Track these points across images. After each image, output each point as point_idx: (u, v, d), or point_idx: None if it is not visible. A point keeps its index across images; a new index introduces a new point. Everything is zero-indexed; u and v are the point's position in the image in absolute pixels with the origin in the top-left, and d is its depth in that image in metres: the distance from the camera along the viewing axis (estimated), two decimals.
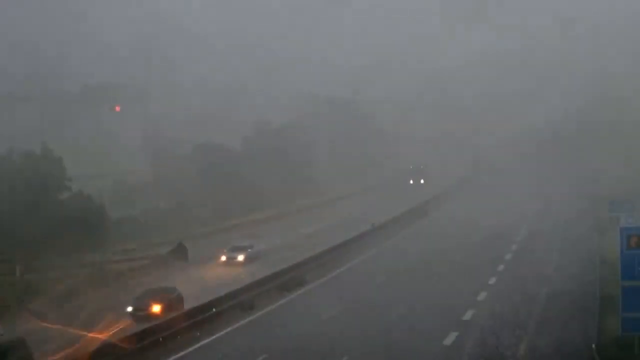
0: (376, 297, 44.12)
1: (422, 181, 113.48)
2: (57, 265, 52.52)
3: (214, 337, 37.11)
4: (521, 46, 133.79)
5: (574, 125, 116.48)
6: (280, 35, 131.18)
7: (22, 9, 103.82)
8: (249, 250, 58.06)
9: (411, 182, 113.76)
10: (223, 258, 57.28)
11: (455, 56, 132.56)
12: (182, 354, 34.74)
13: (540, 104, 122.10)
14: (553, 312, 38.62)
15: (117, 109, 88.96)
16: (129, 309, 40.94)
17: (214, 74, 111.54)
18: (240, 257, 57.10)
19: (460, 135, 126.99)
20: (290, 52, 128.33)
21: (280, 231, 72.20)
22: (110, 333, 36.39)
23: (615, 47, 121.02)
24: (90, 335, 35.74)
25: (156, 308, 40.80)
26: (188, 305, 41.34)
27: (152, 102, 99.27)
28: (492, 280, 47.34)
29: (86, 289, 48.03)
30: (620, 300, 29.86)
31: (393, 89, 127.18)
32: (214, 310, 39.65)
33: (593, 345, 30.59)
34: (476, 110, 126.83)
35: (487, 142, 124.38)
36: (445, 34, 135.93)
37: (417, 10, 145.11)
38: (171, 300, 41.74)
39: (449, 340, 34.34)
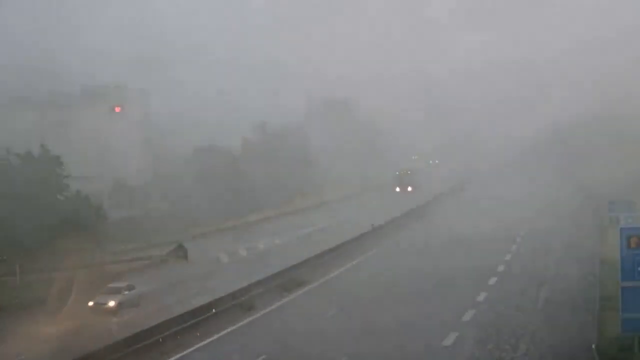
0: (376, 298, 44.11)
1: (409, 188, 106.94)
2: (56, 267, 52.46)
3: (214, 337, 37.06)
4: (523, 50, 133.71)
5: (575, 128, 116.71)
6: (280, 36, 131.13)
7: (22, 9, 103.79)
8: (126, 293, 45.74)
9: (397, 189, 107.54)
10: (90, 303, 44.80)
11: (457, 60, 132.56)
12: (181, 354, 34.71)
13: (541, 107, 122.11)
14: (553, 312, 38.63)
15: (117, 109, 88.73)
16: None
17: (214, 75, 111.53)
18: (112, 303, 44.61)
19: (461, 138, 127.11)
20: (290, 53, 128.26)
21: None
22: None
23: (618, 51, 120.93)
24: None
25: None
26: None
27: (153, 103, 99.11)
28: (492, 281, 47.36)
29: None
30: (620, 301, 29.85)
31: (393, 91, 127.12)
32: None
33: (593, 346, 30.59)
34: (477, 114, 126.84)
35: (488, 144, 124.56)
36: (446, 37, 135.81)
37: (417, 12, 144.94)
38: None
39: (448, 340, 34.31)
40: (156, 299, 46.16)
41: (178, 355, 34.69)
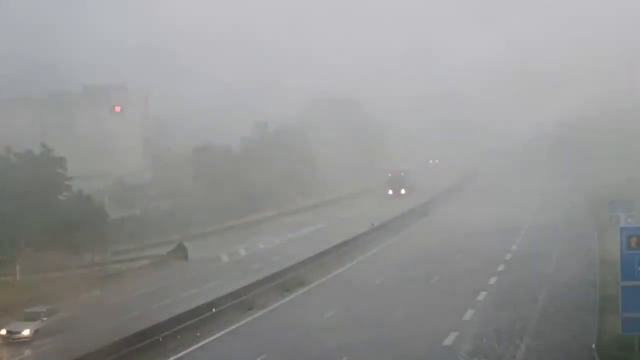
0: (375, 298, 44.12)
1: (402, 191, 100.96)
2: (56, 266, 52.56)
3: (213, 337, 37.07)
4: (524, 50, 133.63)
5: (576, 128, 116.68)
6: (280, 35, 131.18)
7: (22, 9, 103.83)
8: (45, 319, 39.63)
9: (390, 192, 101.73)
10: (2, 332, 38.97)
11: (458, 59, 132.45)
12: (182, 353, 34.72)
13: (542, 106, 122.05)
14: (553, 312, 38.63)
15: (118, 109, 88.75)
16: None
17: (215, 74, 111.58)
18: (26, 332, 38.70)
19: (462, 137, 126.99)
20: (291, 52, 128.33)
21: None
22: None
23: (619, 51, 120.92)
24: None
25: None
26: None
27: (153, 103, 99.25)
28: (492, 280, 47.35)
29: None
30: (620, 300, 29.88)
31: (395, 91, 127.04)
32: None
33: (593, 345, 30.60)
34: (479, 112, 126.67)
35: (490, 142, 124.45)
36: (448, 36, 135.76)
37: (418, 12, 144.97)
38: None
39: (449, 340, 34.32)
40: (96, 321, 40.28)
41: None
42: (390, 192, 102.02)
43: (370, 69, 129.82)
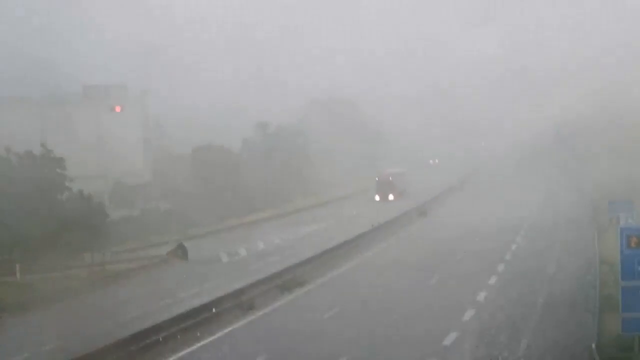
0: (375, 298, 44.12)
1: (390, 197, 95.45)
2: (56, 267, 52.54)
3: (214, 337, 37.05)
4: (525, 49, 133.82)
5: (576, 127, 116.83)
6: (280, 35, 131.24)
7: (22, 8, 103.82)
8: None
9: (377, 198, 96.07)
10: None
11: (458, 59, 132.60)
12: (182, 353, 34.69)
13: (543, 108, 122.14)
14: (553, 311, 38.64)
15: (118, 109, 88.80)
16: None
17: (214, 75, 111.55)
18: None
19: (462, 137, 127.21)
20: (291, 53, 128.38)
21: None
22: None
23: (619, 51, 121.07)
24: None
25: None
26: None
27: (152, 103, 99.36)
28: (492, 280, 47.36)
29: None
30: (620, 301, 29.86)
31: (394, 91, 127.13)
32: None
33: (593, 345, 30.57)
34: (478, 114, 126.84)
35: (490, 144, 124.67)
36: (448, 36, 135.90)
37: (418, 12, 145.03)
38: None
39: (448, 340, 34.30)
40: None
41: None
42: (378, 197, 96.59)
43: (370, 69, 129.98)
